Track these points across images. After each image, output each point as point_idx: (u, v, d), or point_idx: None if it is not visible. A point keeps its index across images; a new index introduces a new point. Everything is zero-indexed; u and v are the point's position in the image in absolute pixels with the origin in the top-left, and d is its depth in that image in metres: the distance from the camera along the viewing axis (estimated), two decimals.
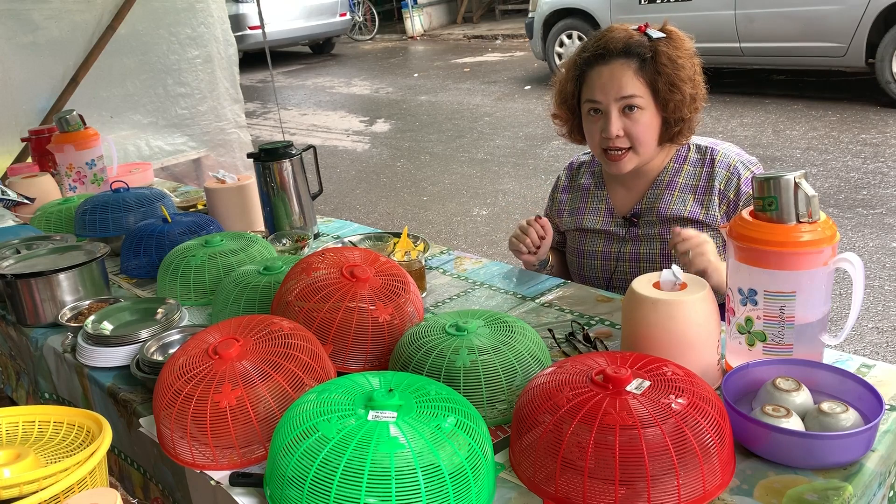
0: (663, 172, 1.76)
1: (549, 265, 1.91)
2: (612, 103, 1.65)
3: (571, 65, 1.74)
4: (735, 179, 1.69)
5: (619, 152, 1.68)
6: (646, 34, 1.66)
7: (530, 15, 8.46)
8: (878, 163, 4.91)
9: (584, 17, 7.74)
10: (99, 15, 3.83)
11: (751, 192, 1.65)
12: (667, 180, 1.75)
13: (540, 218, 1.79)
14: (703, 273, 1.49)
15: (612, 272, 1.83)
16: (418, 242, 1.97)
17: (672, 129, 1.69)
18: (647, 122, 1.66)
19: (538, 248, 1.79)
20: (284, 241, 2.08)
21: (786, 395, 1.10)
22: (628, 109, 1.64)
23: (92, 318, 1.65)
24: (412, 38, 13.83)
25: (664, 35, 1.66)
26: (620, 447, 0.96)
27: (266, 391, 1.17)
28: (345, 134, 7.80)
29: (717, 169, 1.71)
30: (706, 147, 1.75)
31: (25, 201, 2.64)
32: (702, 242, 1.51)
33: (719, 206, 1.70)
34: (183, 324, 1.64)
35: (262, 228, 2.25)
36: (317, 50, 13.58)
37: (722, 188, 1.70)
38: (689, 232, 1.53)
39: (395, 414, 1.00)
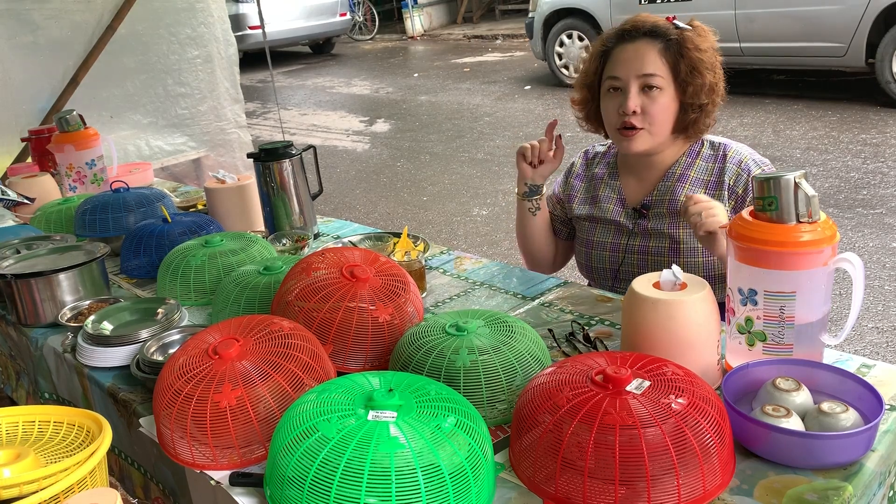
0: (675, 165, 1.78)
1: (536, 207, 1.92)
2: (633, 80, 1.67)
3: (598, 44, 1.78)
4: (745, 175, 1.71)
5: (633, 130, 1.70)
6: (673, 24, 1.70)
7: (530, 15, 8.46)
8: (878, 163, 4.91)
9: (584, 17, 7.74)
10: (99, 15, 3.83)
11: None
12: (679, 173, 1.77)
13: (552, 126, 1.83)
14: (712, 236, 1.50)
15: (619, 264, 1.84)
16: (418, 242, 1.97)
17: (688, 117, 1.71)
18: (665, 103, 1.68)
19: (541, 162, 1.83)
20: (284, 241, 2.08)
21: (786, 395, 1.10)
22: (647, 88, 1.67)
23: (92, 318, 1.65)
24: (412, 38, 13.83)
25: (691, 28, 1.70)
26: (620, 447, 0.96)
27: (266, 391, 1.17)
28: (345, 134, 7.80)
29: (728, 165, 1.73)
30: (719, 143, 1.78)
31: (25, 201, 2.64)
32: (713, 206, 1.52)
33: (728, 202, 1.72)
34: (183, 324, 1.64)
35: (262, 228, 2.25)
36: (317, 50, 13.57)
37: (731, 184, 1.72)
38: (701, 196, 1.55)
39: (395, 414, 1.00)
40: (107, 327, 1.64)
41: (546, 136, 1.84)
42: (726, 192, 1.72)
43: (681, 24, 1.69)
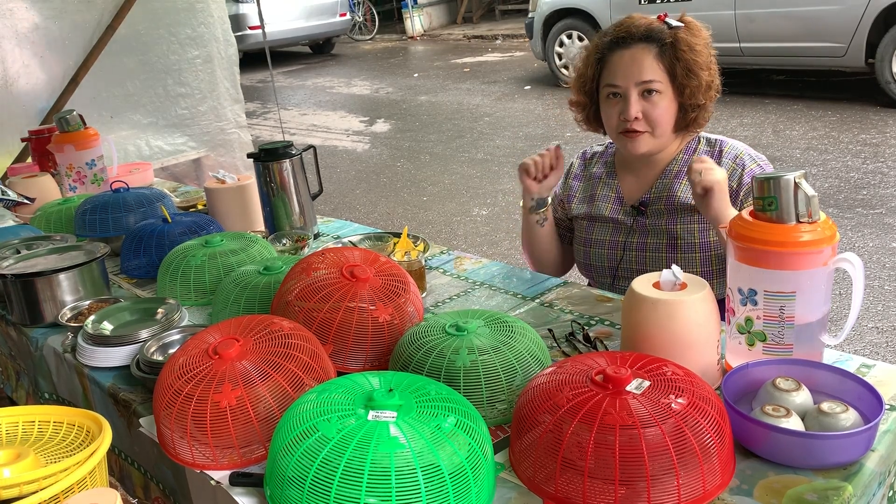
0: (673, 162, 1.79)
1: (543, 219, 1.92)
2: (632, 87, 1.68)
3: (592, 49, 1.78)
4: (739, 170, 1.72)
5: (637, 133, 1.71)
6: (665, 23, 1.70)
7: (530, 15, 8.46)
8: (878, 163, 4.91)
9: (584, 17, 7.74)
10: (99, 15, 3.83)
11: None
12: (676, 170, 1.79)
13: (558, 147, 1.83)
14: (706, 198, 1.54)
15: (618, 262, 1.85)
16: (418, 242, 1.97)
17: (688, 116, 1.73)
18: (666, 106, 1.69)
19: (545, 176, 1.82)
20: (284, 241, 2.08)
21: (786, 395, 1.10)
22: (647, 94, 1.68)
23: (92, 318, 1.65)
24: (412, 38, 13.83)
25: (682, 24, 1.70)
26: (620, 447, 0.96)
27: (266, 391, 1.17)
28: (345, 134, 7.80)
29: (724, 160, 1.74)
30: (716, 140, 1.80)
31: (25, 201, 2.64)
32: (715, 167, 1.55)
33: None
34: (183, 324, 1.64)
35: (262, 228, 2.25)
36: (317, 50, 13.57)
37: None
38: (706, 158, 1.59)
39: (395, 414, 1.00)
40: (107, 327, 1.64)
41: (544, 155, 1.83)
42: None
43: (673, 23, 1.70)
